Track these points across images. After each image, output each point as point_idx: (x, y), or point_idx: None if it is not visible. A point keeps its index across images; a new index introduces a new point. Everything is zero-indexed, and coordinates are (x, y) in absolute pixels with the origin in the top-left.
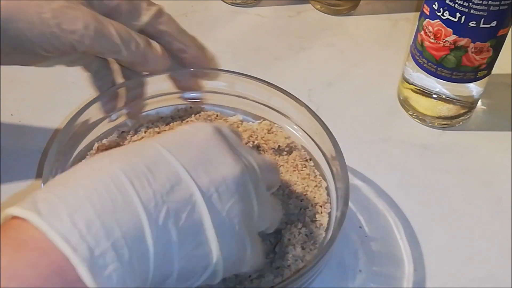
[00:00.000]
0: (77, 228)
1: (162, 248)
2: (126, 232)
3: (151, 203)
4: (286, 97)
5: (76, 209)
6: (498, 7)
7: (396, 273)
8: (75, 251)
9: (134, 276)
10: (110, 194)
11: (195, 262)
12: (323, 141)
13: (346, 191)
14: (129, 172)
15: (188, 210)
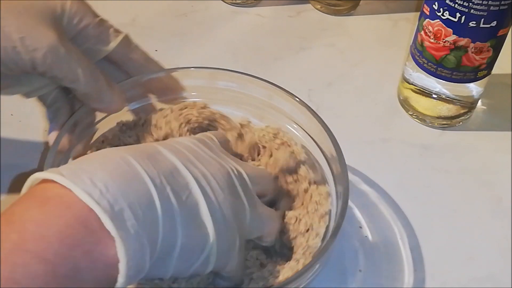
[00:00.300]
0: (97, 187)
1: (169, 218)
2: (139, 198)
3: (156, 179)
4: (287, 96)
5: (94, 174)
6: (498, 7)
7: (396, 273)
8: (98, 204)
9: (148, 236)
10: (121, 168)
11: (195, 241)
12: (323, 141)
13: (345, 192)
14: (135, 156)
15: (186, 194)
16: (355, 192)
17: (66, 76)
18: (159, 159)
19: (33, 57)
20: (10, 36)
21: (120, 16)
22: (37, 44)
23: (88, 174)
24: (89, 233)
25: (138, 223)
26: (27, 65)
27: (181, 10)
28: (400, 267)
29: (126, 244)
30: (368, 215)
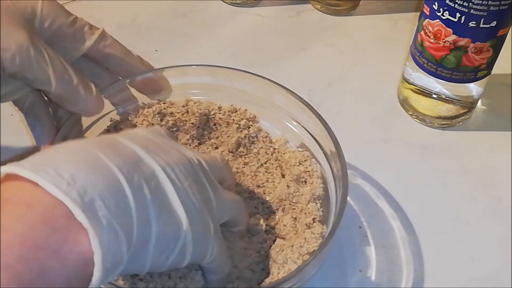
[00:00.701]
0: (64, 178)
1: (141, 206)
2: (109, 187)
3: (123, 168)
4: (287, 93)
5: (59, 165)
6: (498, 7)
7: (396, 273)
8: (67, 195)
9: (122, 226)
10: (86, 158)
11: (169, 230)
12: (323, 138)
13: (345, 190)
14: (98, 146)
15: (154, 182)
16: (355, 192)
17: (37, 78)
18: (122, 148)
19: (2, 57)
20: None
21: (120, 16)
22: (5, 44)
23: (53, 165)
24: (54, 231)
25: (110, 213)
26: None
27: (181, 10)
28: (400, 267)
29: (100, 235)
30: (368, 215)
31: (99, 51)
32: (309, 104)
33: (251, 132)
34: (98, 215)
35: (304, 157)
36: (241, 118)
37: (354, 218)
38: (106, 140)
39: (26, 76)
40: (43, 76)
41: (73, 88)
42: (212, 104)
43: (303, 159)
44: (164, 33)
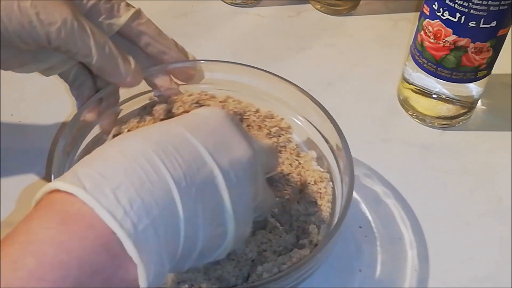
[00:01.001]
0: (121, 204)
1: (191, 227)
2: (162, 210)
3: (182, 183)
4: (292, 88)
5: (118, 186)
6: (498, 7)
7: (396, 273)
8: (121, 226)
9: (168, 250)
10: (146, 173)
11: (214, 241)
12: (329, 133)
13: (351, 183)
14: (161, 153)
15: (211, 192)
16: (355, 192)
17: (80, 50)
18: (186, 150)
19: (48, 31)
20: (26, 11)
21: None
22: (51, 18)
23: (112, 186)
24: (110, 258)
25: (159, 241)
26: (42, 39)
27: (181, 10)
28: (400, 267)
29: (148, 269)
30: (368, 215)
31: (133, 29)
32: (315, 99)
33: (280, 141)
34: (148, 244)
35: (321, 178)
36: (274, 125)
37: (354, 218)
38: (172, 137)
39: (69, 49)
40: (85, 49)
41: (113, 61)
42: (250, 105)
43: (319, 179)
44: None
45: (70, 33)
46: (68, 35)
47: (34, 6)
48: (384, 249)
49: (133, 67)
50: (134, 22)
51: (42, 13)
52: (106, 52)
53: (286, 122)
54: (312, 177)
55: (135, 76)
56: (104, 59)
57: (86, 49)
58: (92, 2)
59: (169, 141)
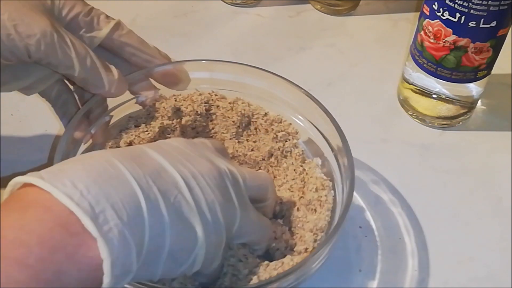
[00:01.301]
0: (78, 189)
1: (156, 219)
2: (123, 198)
3: (142, 180)
4: (293, 88)
5: (76, 177)
6: (498, 7)
7: (396, 273)
8: (78, 205)
9: (133, 236)
10: (104, 170)
11: (184, 243)
12: (329, 133)
13: (351, 182)
14: (120, 157)
15: (175, 194)
16: (355, 192)
17: (61, 62)
18: (146, 160)
19: (27, 43)
20: (4, 24)
21: (120, 16)
22: (30, 30)
23: (69, 177)
24: (70, 235)
25: (122, 223)
26: (22, 53)
27: (181, 10)
28: (400, 267)
29: (109, 244)
30: (368, 215)
31: (115, 41)
32: (316, 99)
33: (286, 146)
34: (109, 224)
35: (322, 186)
36: (281, 130)
37: (354, 218)
38: (131, 151)
39: (50, 62)
40: (67, 60)
41: (96, 72)
42: (260, 108)
43: (321, 187)
44: (164, 33)
45: (50, 45)
46: (48, 47)
47: (11, 19)
48: (384, 249)
49: (116, 77)
50: (115, 34)
51: (20, 25)
52: (88, 63)
53: (294, 127)
54: (314, 184)
55: (119, 86)
56: (87, 71)
57: (67, 60)
58: (72, 15)
59: (128, 152)
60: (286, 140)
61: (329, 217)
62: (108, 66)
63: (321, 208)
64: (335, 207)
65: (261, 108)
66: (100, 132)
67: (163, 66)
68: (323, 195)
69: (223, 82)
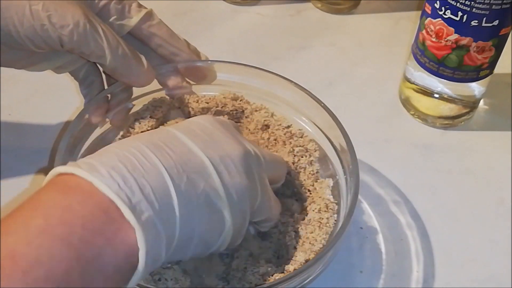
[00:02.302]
0: (115, 180)
1: (185, 207)
2: (155, 189)
3: (173, 170)
4: (295, 88)
5: (112, 167)
6: (500, 6)
7: (398, 274)
8: (117, 195)
9: (164, 226)
10: (138, 160)
11: (213, 226)
12: (333, 134)
13: (356, 183)
14: (151, 146)
15: (204, 180)
16: None
17: (93, 52)
18: (175, 145)
19: (60, 34)
20: (38, 14)
21: None
22: (63, 21)
23: (106, 168)
24: (110, 221)
25: (155, 214)
26: (55, 43)
27: (180, 9)
28: (402, 268)
29: (146, 234)
30: (369, 216)
31: (144, 30)
32: (318, 98)
33: (301, 162)
34: (144, 215)
35: (326, 208)
36: (299, 145)
37: (355, 219)
38: (162, 136)
39: (83, 52)
40: (99, 50)
41: (126, 62)
42: (282, 120)
43: (324, 209)
44: None
45: (83, 35)
46: (80, 37)
47: (46, 9)
48: (385, 250)
49: (145, 68)
50: (145, 24)
51: (54, 16)
52: (120, 53)
53: (313, 144)
54: (318, 205)
55: (147, 76)
56: (118, 60)
57: (99, 50)
58: (104, 2)
59: (159, 138)
60: (302, 156)
61: (326, 241)
62: (138, 55)
63: (320, 230)
64: (333, 233)
65: (285, 119)
66: (119, 118)
67: (189, 63)
68: (324, 217)
69: (223, 82)
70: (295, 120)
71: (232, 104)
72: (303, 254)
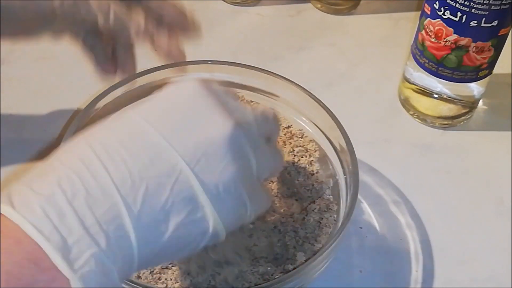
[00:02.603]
0: (50, 218)
1: (144, 225)
2: (101, 217)
3: (126, 183)
4: (297, 90)
5: (47, 198)
6: (499, 7)
7: (397, 273)
8: (48, 240)
9: (115, 258)
10: (83, 179)
11: (190, 229)
12: (332, 133)
13: (355, 183)
14: (102, 153)
15: (173, 181)
16: None
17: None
18: (136, 144)
19: (51, 6)
20: None
21: None
22: None
23: (41, 200)
24: (42, 271)
25: (100, 249)
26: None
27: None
28: (401, 268)
29: (84, 280)
30: (368, 216)
31: None
32: (318, 98)
33: (301, 162)
34: (84, 256)
35: (326, 208)
36: (299, 145)
37: (355, 219)
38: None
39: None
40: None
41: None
42: (283, 120)
43: (324, 209)
44: None
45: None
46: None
47: None
48: (385, 249)
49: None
50: None
51: None
52: (111, 16)
53: (313, 144)
54: (318, 205)
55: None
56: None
57: (91, 16)
58: None
59: (116, 136)
60: (302, 156)
61: (325, 241)
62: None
63: (319, 230)
64: (333, 233)
65: (285, 119)
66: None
67: None
68: (324, 217)
69: (223, 83)
70: (295, 120)
71: None
72: (303, 254)
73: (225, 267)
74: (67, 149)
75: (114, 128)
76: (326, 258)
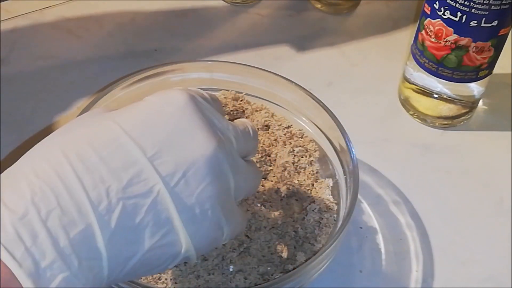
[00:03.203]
0: (22, 240)
1: (116, 247)
2: (74, 238)
3: (103, 202)
4: (297, 89)
5: (21, 217)
6: (499, 7)
7: (397, 273)
8: (20, 266)
9: (86, 280)
10: (57, 196)
11: (162, 251)
12: (332, 133)
13: (355, 183)
14: (80, 168)
15: (149, 203)
16: None
17: None
18: (116, 159)
19: None
20: None
21: (119, 16)
22: None
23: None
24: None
25: (71, 273)
26: None
27: (180, 9)
28: (401, 268)
29: None
30: (368, 216)
31: None
32: (318, 98)
33: (301, 162)
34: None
35: (326, 208)
36: (299, 145)
37: (355, 219)
38: (99, 142)
39: None
40: None
41: None
42: (283, 120)
43: (324, 209)
44: (163, 33)
45: None
46: None
47: None
48: (385, 249)
49: None
50: None
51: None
52: None
53: (313, 144)
54: (318, 205)
55: None
56: None
57: None
58: None
59: (95, 148)
60: (302, 156)
61: (325, 241)
62: None
63: (319, 230)
64: (333, 232)
65: (285, 119)
66: None
67: None
68: (325, 217)
69: (223, 83)
70: (295, 120)
71: (233, 104)
72: (303, 254)
73: None
74: (41, 155)
75: (93, 139)
76: (326, 258)
